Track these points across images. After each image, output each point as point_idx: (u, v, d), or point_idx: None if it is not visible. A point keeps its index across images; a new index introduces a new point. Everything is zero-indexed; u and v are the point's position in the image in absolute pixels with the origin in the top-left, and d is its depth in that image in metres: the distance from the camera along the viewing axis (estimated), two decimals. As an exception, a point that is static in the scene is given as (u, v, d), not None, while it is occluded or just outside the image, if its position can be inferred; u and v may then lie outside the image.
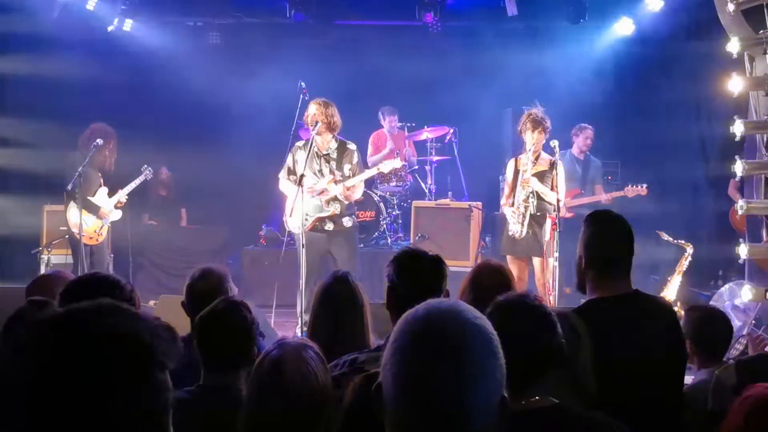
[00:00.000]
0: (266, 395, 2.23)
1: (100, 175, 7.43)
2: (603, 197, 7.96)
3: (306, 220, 6.08)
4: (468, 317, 1.29)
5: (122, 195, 7.47)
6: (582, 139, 8.27)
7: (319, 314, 3.17)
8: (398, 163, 6.76)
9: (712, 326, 3.45)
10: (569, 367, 2.42)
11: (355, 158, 6.35)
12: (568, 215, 6.86)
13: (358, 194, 6.52)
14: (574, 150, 8.31)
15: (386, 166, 6.62)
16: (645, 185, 7.82)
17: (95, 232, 7.29)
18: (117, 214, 7.52)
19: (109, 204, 7.39)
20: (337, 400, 2.28)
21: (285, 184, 6.38)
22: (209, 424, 2.46)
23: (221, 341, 2.68)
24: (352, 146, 6.39)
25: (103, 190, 7.42)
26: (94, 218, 7.27)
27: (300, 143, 6.44)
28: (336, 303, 3.14)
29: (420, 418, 1.24)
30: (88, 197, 7.20)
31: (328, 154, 6.29)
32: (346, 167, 6.29)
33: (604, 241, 2.98)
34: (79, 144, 7.31)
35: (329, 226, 6.26)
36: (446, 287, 2.79)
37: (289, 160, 6.38)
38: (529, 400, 2.08)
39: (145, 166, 7.76)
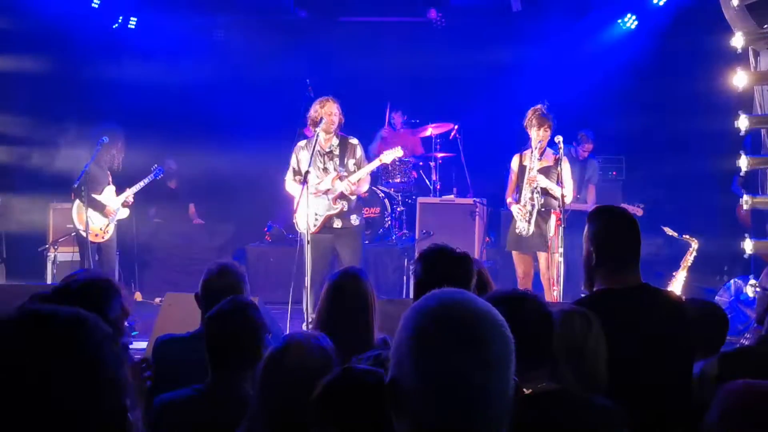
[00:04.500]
0: (272, 370, 2.25)
1: (108, 173, 7.45)
2: (590, 208, 7.86)
3: (316, 219, 6.09)
4: (481, 305, 1.32)
5: (129, 194, 7.49)
6: (580, 150, 8.18)
7: (326, 308, 3.16)
8: (399, 152, 6.65)
9: (708, 320, 3.46)
10: (582, 360, 2.45)
11: (359, 152, 6.34)
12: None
13: (364, 188, 6.49)
14: (573, 152, 8.28)
15: (388, 156, 6.52)
16: (642, 205, 7.67)
17: (101, 229, 7.30)
18: (124, 213, 7.53)
19: (115, 202, 7.41)
20: None
21: (291, 186, 6.37)
22: (215, 423, 2.47)
23: (228, 342, 2.69)
24: (354, 141, 6.38)
25: (111, 189, 7.44)
26: (100, 216, 7.30)
27: (302, 143, 6.42)
28: (343, 298, 3.14)
29: (446, 408, 1.26)
30: (94, 195, 7.23)
31: (331, 151, 6.28)
32: (350, 162, 6.28)
33: (614, 234, 3.00)
34: (90, 143, 7.35)
35: (337, 224, 6.26)
36: (474, 284, 2.81)
37: (293, 161, 6.37)
38: (532, 386, 2.12)
39: (156, 165, 7.78)
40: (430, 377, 1.27)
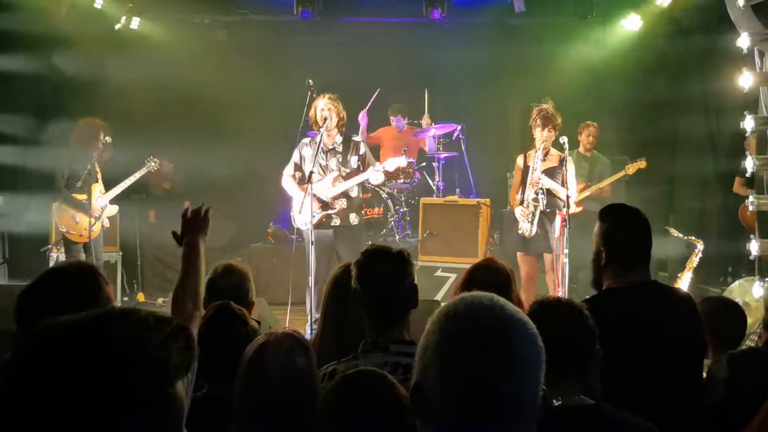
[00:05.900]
0: (253, 367, 2.23)
1: (98, 171, 7.35)
2: (603, 183, 7.96)
3: (313, 217, 6.08)
4: (511, 312, 1.30)
5: (118, 190, 7.42)
6: (585, 137, 8.27)
7: (330, 307, 3.13)
8: (403, 162, 6.61)
9: (726, 317, 3.43)
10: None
11: (362, 148, 6.34)
12: (577, 209, 6.84)
13: (378, 179, 6.34)
14: (580, 148, 8.31)
15: (391, 165, 6.41)
16: (643, 158, 7.86)
17: (86, 229, 7.19)
18: (112, 210, 7.46)
19: (101, 201, 7.30)
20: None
21: (288, 181, 6.36)
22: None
23: (218, 360, 2.60)
24: (357, 138, 6.43)
25: (98, 186, 7.33)
26: (84, 216, 7.13)
27: (306, 140, 6.44)
28: (346, 295, 3.10)
29: (471, 414, 1.24)
30: (76, 196, 7.14)
31: (334, 148, 6.28)
32: (353, 159, 6.27)
33: (623, 232, 2.97)
34: (71, 140, 7.30)
35: (335, 221, 6.25)
36: (413, 282, 2.71)
37: (295, 156, 6.38)
38: (565, 398, 2.07)
39: (151, 157, 7.72)
40: (456, 382, 1.25)
